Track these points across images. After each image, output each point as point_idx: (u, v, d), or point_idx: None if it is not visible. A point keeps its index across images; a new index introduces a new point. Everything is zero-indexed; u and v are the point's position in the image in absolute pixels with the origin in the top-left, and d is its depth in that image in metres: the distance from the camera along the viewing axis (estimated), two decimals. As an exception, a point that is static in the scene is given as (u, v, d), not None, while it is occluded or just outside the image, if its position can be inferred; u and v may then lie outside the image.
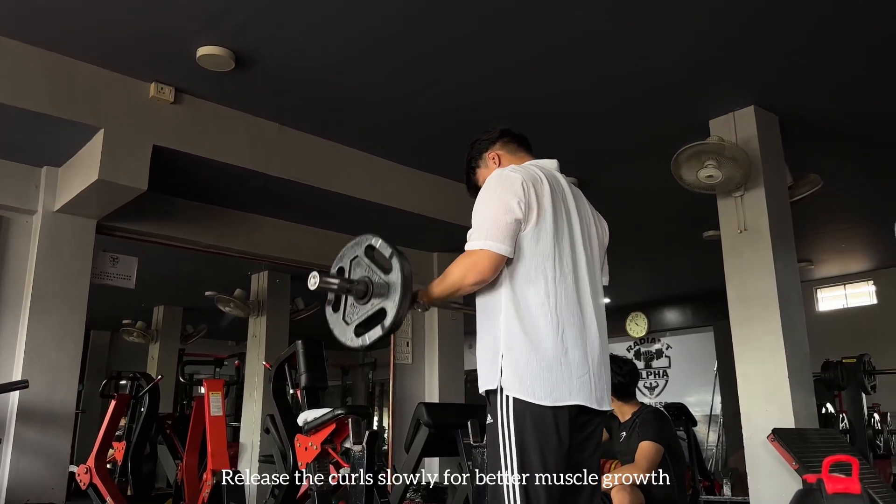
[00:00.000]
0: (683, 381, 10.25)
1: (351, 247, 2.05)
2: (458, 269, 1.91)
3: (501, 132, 2.24)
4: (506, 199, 1.88)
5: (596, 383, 1.89)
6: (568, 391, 1.82)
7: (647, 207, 5.99)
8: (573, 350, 1.86)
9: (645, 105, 4.18)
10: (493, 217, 1.88)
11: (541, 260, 1.89)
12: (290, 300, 6.93)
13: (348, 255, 2.05)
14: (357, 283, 1.96)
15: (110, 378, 5.44)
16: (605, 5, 3.21)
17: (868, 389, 5.85)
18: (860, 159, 5.05)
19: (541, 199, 1.92)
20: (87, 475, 4.47)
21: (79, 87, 3.63)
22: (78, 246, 4.15)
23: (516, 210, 1.87)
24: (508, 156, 2.20)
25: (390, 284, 1.90)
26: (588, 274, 1.99)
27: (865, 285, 8.41)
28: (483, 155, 2.24)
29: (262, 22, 3.32)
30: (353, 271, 2.02)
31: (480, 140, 2.26)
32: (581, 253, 2.00)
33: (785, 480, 3.66)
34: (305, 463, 3.51)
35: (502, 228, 1.86)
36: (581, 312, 1.92)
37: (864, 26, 3.40)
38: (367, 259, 1.98)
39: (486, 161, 2.23)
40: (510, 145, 2.22)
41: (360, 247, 2.01)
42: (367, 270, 1.97)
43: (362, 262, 1.99)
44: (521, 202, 1.88)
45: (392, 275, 1.91)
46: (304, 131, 4.47)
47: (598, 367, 1.91)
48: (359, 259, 2.00)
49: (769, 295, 3.94)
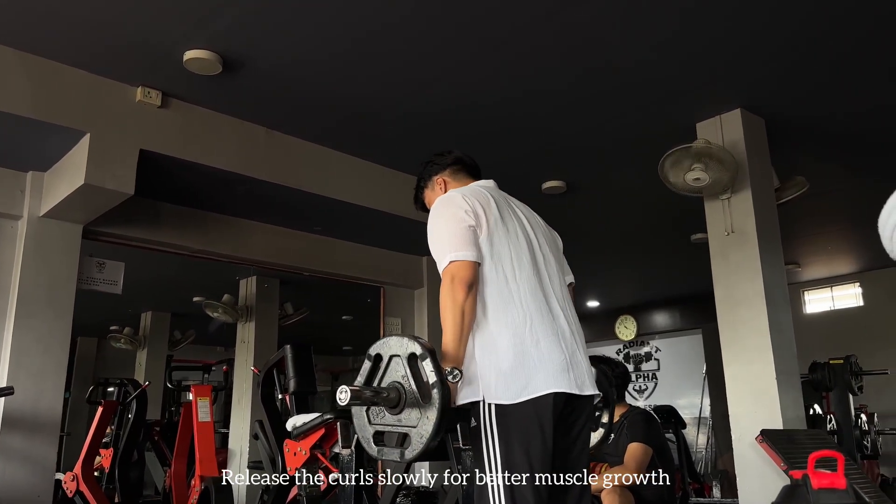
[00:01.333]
0: (673, 384, 10.29)
1: (395, 343, 1.80)
2: (445, 296, 1.87)
3: (454, 159, 2.33)
4: (453, 213, 1.96)
5: (574, 369, 1.90)
6: (545, 381, 1.83)
7: (635, 210, 6.02)
8: (545, 340, 1.88)
9: (632, 108, 4.20)
10: (448, 233, 1.94)
11: (498, 260, 1.95)
12: (279, 305, 6.90)
13: (390, 349, 1.80)
14: (388, 393, 1.74)
15: (97, 385, 5.39)
16: (594, 9, 3.22)
17: (855, 390, 5.89)
18: (846, 161, 5.09)
19: (486, 207, 2.01)
20: (73, 483, 4.44)
21: (64, 91, 3.60)
22: (64, 251, 4.12)
23: (467, 218, 1.95)
24: (454, 183, 2.29)
25: (422, 413, 1.69)
26: (547, 268, 2.05)
27: (852, 287, 8.46)
28: (432, 178, 2.34)
29: (250, 26, 3.31)
30: (389, 371, 1.79)
31: (433, 162, 2.36)
32: (538, 248, 2.07)
33: (773, 481, 3.67)
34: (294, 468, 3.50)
35: (461, 237, 1.92)
36: (548, 304, 1.97)
37: (849, 28, 3.42)
38: (407, 367, 1.75)
39: (434, 184, 2.33)
40: (459, 173, 2.31)
41: (405, 349, 1.77)
42: (403, 378, 1.75)
43: (401, 367, 1.76)
44: (468, 211, 1.96)
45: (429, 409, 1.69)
46: (291, 135, 4.46)
47: (572, 353, 1.93)
48: (399, 360, 1.77)
49: (756, 297, 3.97)
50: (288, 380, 3.73)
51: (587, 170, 5.09)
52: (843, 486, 2.10)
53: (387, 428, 1.78)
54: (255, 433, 4.59)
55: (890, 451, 7.17)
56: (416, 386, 1.71)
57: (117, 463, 4.72)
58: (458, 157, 2.33)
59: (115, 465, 4.71)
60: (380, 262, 5.89)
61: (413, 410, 1.71)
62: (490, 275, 1.93)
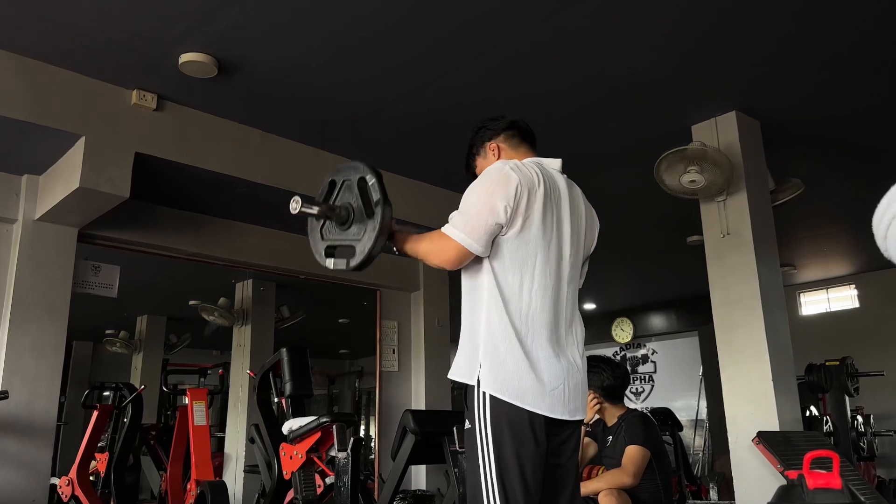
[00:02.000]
0: (669, 386, 10.29)
1: (348, 168, 2.02)
2: (427, 246, 1.96)
3: (508, 123, 2.19)
4: (494, 201, 1.86)
5: (571, 394, 1.88)
6: (540, 403, 1.81)
7: (631, 212, 6.02)
8: (545, 362, 1.85)
9: (628, 110, 4.21)
10: (477, 212, 1.87)
11: (520, 266, 1.89)
12: (276, 308, 6.89)
13: (343, 174, 2.02)
14: (339, 210, 1.97)
15: (93, 389, 5.37)
16: (587, 12, 3.22)
17: (851, 392, 5.89)
18: (841, 163, 5.10)
19: (531, 207, 1.89)
20: (69, 487, 4.42)
21: (59, 94, 3.59)
22: (59, 254, 4.11)
23: (501, 215, 1.86)
24: (509, 150, 2.15)
25: (366, 227, 1.93)
26: (568, 285, 1.99)
27: (848, 289, 8.48)
28: (485, 144, 2.19)
29: (246, 28, 3.30)
30: (342, 193, 2.01)
31: (485, 127, 2.20)
32: (566, 262, 1.99)
33: (770, 483, 3.67)
34: (291, 472, 3.49)
35: (481, 227, 1.86)
36: (557, 323, 1.92)
37: (843, 30, 3.43)
38: (357, 189, 1.96)
39: (486, 151, 2.18)
40: (514, 139, 2.17)
41: (356, 173, 1.98)
42: (354, 199, 1.97)
43: (353, 190, 1.97)
44: (509, 207, 1.86)
45: (372, 221, 1.92)
46: (287, 138, 4.46)
47: (572, 377, 1.90)
48: (350, 184, 1.99)
49: (752, 299, 3.97)
50: (284, 383, 3.73)
51: (582, 171, 5.05)
52: (839, 486, 2.11)
53: (337, 242, 2.00)
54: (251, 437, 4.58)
55: (886, 452, 7.18)
56: (363, 204, 1.93)
57: (113, 467, 4.70)
58: (512, 121, 2.19)
59: (111, 470, 4.69)
60: (376, 265, 5.86)
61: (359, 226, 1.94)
62: (509, 277, 1.88)
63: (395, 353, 5.89)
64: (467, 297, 1.98)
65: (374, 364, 5.97)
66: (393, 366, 5.87)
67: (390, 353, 5.87)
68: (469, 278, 1.98)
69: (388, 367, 5.86)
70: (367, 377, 10.14)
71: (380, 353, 5.80)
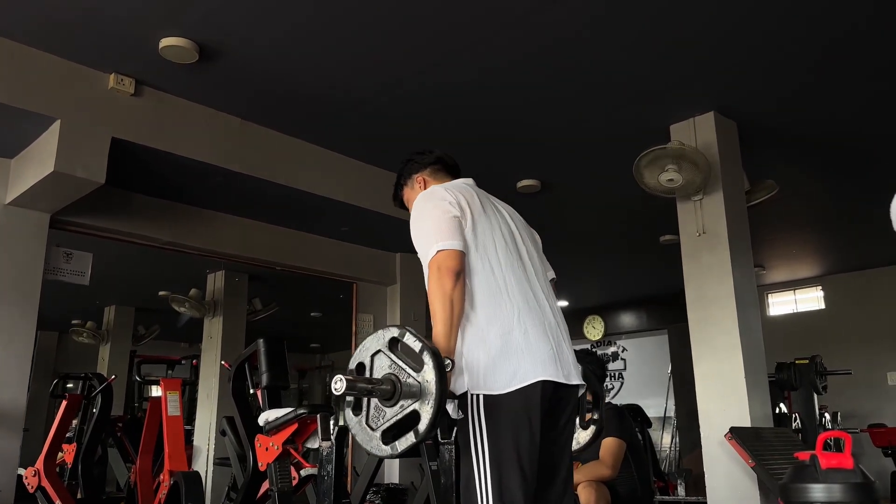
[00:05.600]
0: (638, 384, 10.42)
1: (371, 341, 1.79)
2: (434, 287, 1.86)
3: (435, 158, 2.30)
4: (436, 205, 1.97)
5: (560, 359, 1.91)
6: (532, 369, 1.83)
7: (605, 211, 6.07)
8: (532, 330, 1.89)
9: (606, 110, 4.24)
10: (433, 224, 1.93)
11: (484, 251, 1.95)
12: (248, 300, 6.82)
13: (369, 348, 1.79)
14: (382, 384, 1.70)
15: (61, 378, 5.27)
16: (569, 12, 3.24)
17: (820, 390, 6.02)
18: (812, 166, 5.20)
19: (469, 200, 2.01)
20: (35, 478, 4.32)
21: (34, 76, 3.51)
22: (30, 240, 4.02)
23: (451, 209, 1.95)
24: (434, 182, 2.26)
25: (422, 384, 1.66)
26: (531, 262, 2.07)
27: (814, 291, 8.65)
28: (412, 176, 2.31)
29: (229, 14, 3.26)
30: (375, 369, 1.76)
31: (413, 161, 2.32)
32: (521, 241, 2.08)
33: (741, 477, 3.74)
34: (266, 463, 3.46)
35: (446, 227, 1.91)
36: (534, 295, 1.98)
37: (818, 34, 3.50)
38: (391, 354, 1.73)
39: (413, 182, 2.30)
40: (439, 173, 2.29)
41: (383, 340, 1.76)
42: (392, 367, 1.72)
43: (385, 358, 1.74)
44: (452, 203, 1.97)
45: (424, 373, 1.66)
46: (267, 127, 4.41)
47: (558, 344, 1.94)
48: (381, 354, 1.75)
49: (727, 297, 4.03)
50: (260, 374, 3.68)
51: (559, 170, 5.12)
52: (851, 466, 2.19)
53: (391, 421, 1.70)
54: (223, 429, 4.53)
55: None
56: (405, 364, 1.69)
57: (80, 458, 4.61)
58: (439, 156, 2.31)
59: (79, 461, 4.60)
60: (353, 258, 5.86)
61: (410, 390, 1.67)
62: (476, 265, 1.93)
63: (371, 347, 5.87)
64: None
65: (344, 358, 5.90)
66: (368, 359, 5.85)
67: (365, 347, 5.86)
68: None
69: (363, 360, 5.83)
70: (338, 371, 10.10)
71: (355, 346, 5.78)
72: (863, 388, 7.64)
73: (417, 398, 1.66)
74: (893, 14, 3.31)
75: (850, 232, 6.95)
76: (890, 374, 7.80)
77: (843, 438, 2.37)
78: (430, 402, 1.63)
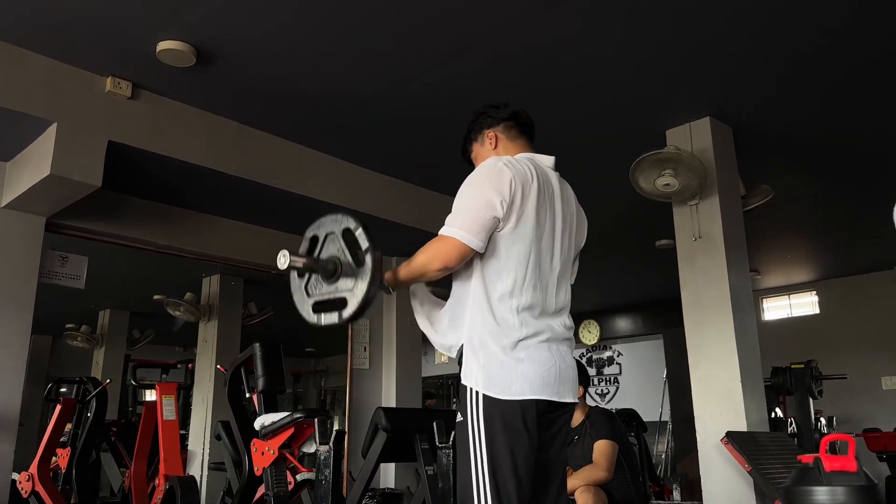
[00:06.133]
0: (634, 388, 10.43)
1: (330, 221, 1.97)
2: (426, 254, 1.90)
3: (510, 114, 2.17)
4: (489, 195, 1.86)
5: (560, 378, 1.89)
6: (530, 386, 1.82)
7: (601, 215, 5.99)
8: (538, 351, 1.86)
9: (602, 114, 4.25)
10: (472, 208, 1.87)
11: (515, 262, 1.89)
12: (243, 304, 6.81)
13: (325, 227, 1.97)
14: (326, 263, 1.92)
15: (55, 382, 5.25)
16: (568, 16, 3.25)
17: (815, 394, 6.04)
18: (807, 171, 5.22)
19: (525, 202, 1.90)
20: (29, 483, 4.31)
21: (31, 78, 3.50)
22: (26, 244, 4.00)
23: (497, 208, 1.86)
24: (506, 141, 2.14)
25: (357, 277, 1.86)
26: (559, 279, 2.00)
27: (809, 295, 8.68)
28: (483, 131, 2.17)
29: (227, 17, 3.26)
30: (326, 247, 1.96)
31: (486, 114, 2.18)
32: (558, 259, 2.00)
33: (737, 482, 3.74)
34: (262, 468, 3.45)
35: (479, 222, 1.85)
36: (549, 316, 1.94)
37: (810, 39, 3.51)
38: (342, 241, 1.91)
39: (484, 138, 2.16)
40: (512, 130, 2.16)
41: (339, 225, 1.93)
42: (339, 251, 1.92)
43: (337, 242, 1.93)
44: (504, 202, 1.86)
45: (362, 270, 1.85)
46: (264, 131, 4.41)
47: (561, 361, 1.92)
48: (334, 237, 1.94)
49: (723, 302, 4.04)
50: (256, 378, 3.68)
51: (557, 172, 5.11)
52: (854, 468, 2.20)
53: (325, 297, 1.93)
54: (218, 433, 4.51)
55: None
56: (351, 255, 1.87)
57: (74, 463, 4.60)
58: (514, 111, 2.17)
59: (73, 465, 4.59)
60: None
61: (348, 278, 1.88)
62: (503, 272, 1.88)
63: (367, 351, 5.87)
64: (456, 293, 1.98)
65: (339, 363, 5.94)
66: (364, 363, 5.85)
67: (361, 351, 5.85)
68: (455, 276, 1.98)
69: (359, 364, 5.83)
70: (333, 376, 10.09)
71: (351, 350, 5.78)
72: (857, 393, 7.66)
73: (349, 290, 1.87)
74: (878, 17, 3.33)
75: (845, 237, 6.98)
76: (884, 379, 7.82)
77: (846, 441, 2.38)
78: (358, 296, 1.84)
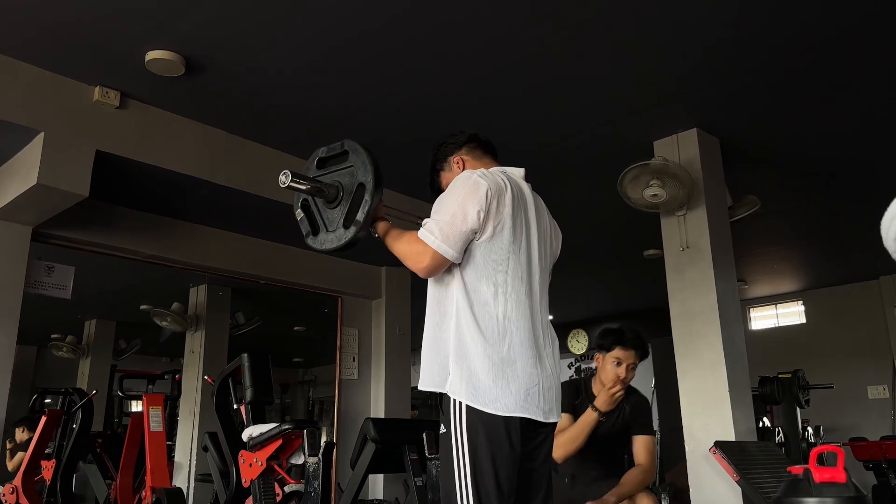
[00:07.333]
0: (622, 398, 10.40)
1: (365, 159, 2.00)
2: (405, 249, 1.96)
3: (469, 136, 2.23)
4: (467, 208, 1.88)
5: (545, 396, 1.88)
6: (514, 403, 1.81)
7: (589, 225, 6.09)
8: (521, 362, 1.86)
9: (590, 125, 4.27)
10: (451, 219, 1.88)
11: (493, 270, 1.90)
12: (231, 314, 6.77)
13: (357, 159, 2.02)
14: (328, 189, 1.97)
15: (41, 394, 5.19)
16: (556, 27, 3.27)
17: (802, 403, 6.06)
18: (793, 182, 5.26)
19: (501, 211, 1.92)
20: (13, 495, 4.25)
21: (18, 87, 3.49)
22: (12, 253, 3.98)
23: (474, 220, 1.88)
24: (473, 161, 2.19)
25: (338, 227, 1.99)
26: (540, 288, 2.01)
27: (795, 305, 8.74)
28: (448, 158, 2.22)
29: (216, 28, 3.26)
30: (342, 172, 2.03)
31: (446, 143, 2.24)
32: (536, 267, 2.01)
33: (725, 492, 3.75)
34: (250, 480, 3.42)
35: (456, 234, 1.87)
36: (532, 325, 1.93)
37: (797, 52, 3.55)
38: (355, 190, 1.98)
39: (451, 165, 2.21)
40: (476, 150, 2.22)
41: (365, 173, 1.98)
42: (349, 185, 1.98)
43: (351, 180, 1.99)
44: (482, 212, 1.88)
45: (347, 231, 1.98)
46: (252, 140, 4.41)
47: (547, 379, 1.91)
48: (353, 173, 2.01)
49: (710, 312, 4.06)
50: (244, 389, 3.65)
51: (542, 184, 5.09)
52: (844, 479, 2.20)
53: (344, 215, 2.00)
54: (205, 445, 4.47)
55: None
56: (350, 208, 1.98)
57: (59, 475, 4.54)
58: (472, 134, 2.24)
59: (58, 477, 4.53)
60: (337, 272, 5.85)
61: (340, 216, 1.98)
62: (482, 282, 1.89)
63: (356, 361, 5.85)
64: (435, 305, 1.98)
65: (327, 373, 5.92)
66: (353, 374, 5.83)
67: (350, 361, 5.83)
68: (437, 286, 1.98)
69: (347, 374, 5.81)
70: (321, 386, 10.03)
71: (339, 360, 5.76)
72: (843, 402, 7.71)
73: (334, 230, 1.99)
74: (863, 33, 3.37)
75: (831, 247, 7.04)
76: (870, 388, 7.88)
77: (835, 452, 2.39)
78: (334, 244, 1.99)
